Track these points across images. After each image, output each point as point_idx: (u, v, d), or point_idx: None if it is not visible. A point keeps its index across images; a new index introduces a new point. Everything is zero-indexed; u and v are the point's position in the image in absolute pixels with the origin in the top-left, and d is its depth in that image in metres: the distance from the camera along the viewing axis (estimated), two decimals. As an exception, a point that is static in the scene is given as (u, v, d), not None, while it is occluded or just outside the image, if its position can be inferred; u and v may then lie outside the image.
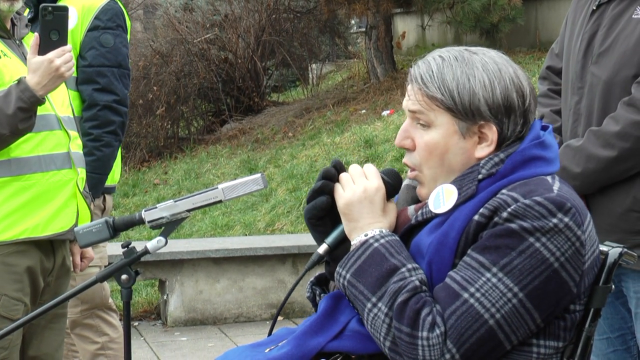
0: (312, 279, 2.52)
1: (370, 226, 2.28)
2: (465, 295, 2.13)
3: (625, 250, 2.36)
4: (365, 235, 2.27)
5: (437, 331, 2.12)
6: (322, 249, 2.34)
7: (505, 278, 2.13)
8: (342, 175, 2.33)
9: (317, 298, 2.46)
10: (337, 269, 2.27)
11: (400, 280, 2.18)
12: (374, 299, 2.19)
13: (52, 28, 3.33)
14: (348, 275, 2.24)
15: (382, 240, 2.24)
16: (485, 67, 2.25)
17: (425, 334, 2.13)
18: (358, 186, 2.30)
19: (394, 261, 2.21)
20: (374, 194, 2.29)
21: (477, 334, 2.12)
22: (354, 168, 2.34)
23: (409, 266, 2.20)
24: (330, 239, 2.34)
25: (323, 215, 2.35)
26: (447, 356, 2.12)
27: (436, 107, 2.26)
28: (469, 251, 2.18)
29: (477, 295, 2.13)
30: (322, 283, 2.51)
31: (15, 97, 3.29)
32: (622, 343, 3.27)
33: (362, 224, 2.28)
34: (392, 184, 2.35)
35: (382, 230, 2.27)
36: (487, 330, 2.13)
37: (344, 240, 2.33)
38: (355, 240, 2.28)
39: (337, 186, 2.32)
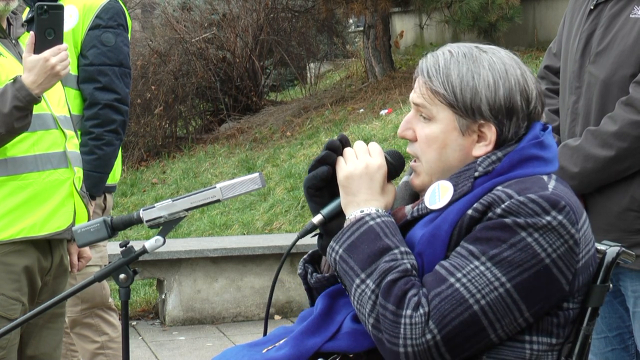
0: (305, 256, 2.53)
1: (367, 203, 2.28)
2: (452, 279, 2.14)
3: (623, 249, 2.36)
4: (362, 212, 2.27)
5: (421, 311, 2.13)
6: (317, 219, 2.35)
7: (494, 267, 2.14)
8: (346, 150, 2.34)
9: (309, 276, 2.46)
10: (331, 243, 2.27)
11: (391, 260, 2.19)
12: (362, 275, 2.20)
13: (47, 26, 3.33)
14: (340, 250, 2.25)
15: (378, 220, 2.25)
16: (492, 67, 2.26)
17: (409, 312, 2.13)
18: (360, 161, 2.30)
19: (387, 241, 2.21)
20: (375, 171, 2.30)
21: (460, 318, 2.13)
22: (359, 144, 2.35)
23: (402, 249, 2.21)
24: (326, 210, 2.35)
25: (322, 185, 2.35)
26: (429, 336, 2.12)
27: (438, 101, 2.27)
28: (461, 242, 2.19)
29: (464, 280, 2.14)
30: (314, 261, 2.51)
31: (11, 95, 3.29)
32: (620, 342, 3.27)
33: (359, 199, 2.29)
34: (395, 164, 2.36)
35: (379, 209, 2.28)
36: (470, 314, 2.13)
37: (339, 214, 2.33)
38: (351, 216, 2.28)
39: (340, 159, 2.33)
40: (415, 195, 2.44)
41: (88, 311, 4.50)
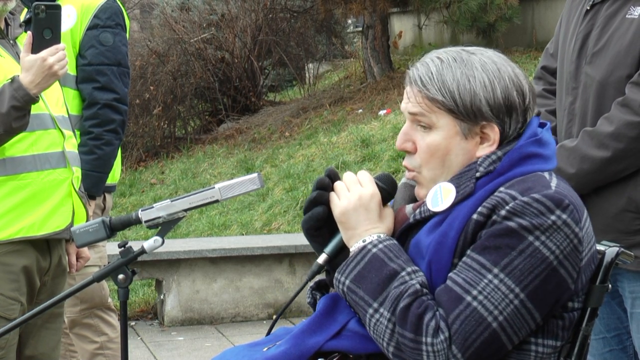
0: (312, 284, 2.52)
1: (367, 232, 2.28)
2: (468, 298, 2.13)
3: (622, 249, 2.36)
4: (364, 241, 2.27)
5: (442, 336, 2.12)
6: (322, 258, 2.35)
7: (507, 279, 2.14)
8: (337, 184, 2.33)
9: (318, 304, 2.46)
10: (336, 275, 2.27)
11: (401, 284, 2.18)
12: (375, 305, 2.19)
13: (45, 26, 3.33)
14: (347, 282, 2.24)
15: (380, 245, 2.24)
16: (485, 67, 2.25)
17: (429, 339, 2.13)
18: (353, 194, 2.29)
19: (393, 265, 2.21)
20: (369, 200, 2.29)
21: (482, 338, 2.12)
22: (348, 176, 2.33)
23: (409, 269, 2.20)
24: (329, 248, 2.34)
25: (321, 225, 2.35)
26: None
27: (437, 109, 2.26)
28: (468, 251, 2.18)
29: (480, 297, 2.13)
30: (322, 288, 2.51)
31: (8, 95, 3.29)
32: (619, 343, 3.27)
33: (359, 231, 2.28)
34: (387, 189, 2.35)
35: (380, 235, 2.27)
36: (490, 333, 2.13)
37: (343, 249, 2.33)
38: (354, 247, 2.28)
39: (333, 195, 2.33)
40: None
41: (87, 311, 4.50)
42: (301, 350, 2.28)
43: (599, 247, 2.35)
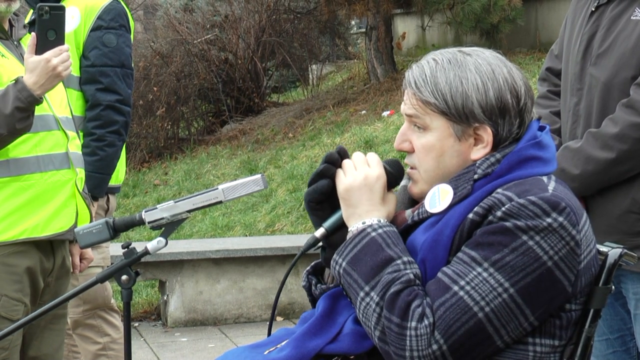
0: (308, 268, 2.53)
1: (368, 214, 2.28)
2: (455, 288, 2.14)
3: (625, 251, 2.35)
4: (363, 223, 2.27)
5: (426, 322, 2.13)
6: (319, 232, 2.35)
7: (496, 273, 2.14)
8: (345, 161, 2.35)
9: (313, 287, 2.47)
10: (334, 256, 2.28)
11: (394, 271, 2.19)
12: (366, 288, 2.20)
13: (49, 27, 3.34)
14: (344, 263, 2.25)
15: (379, 230, 2.25)
16: (479, 69, 2.26)
17: (414, 324, 2.13)
18: (359, 173, 2.31)
19: (390, 252, 2.22)
20: (374, 181, 2.30)
21: (466, 326, 2.13)
22: (357, 155, 2.35)
23: (405, 259, 2.21)
24: (328, 223, 2.35)
25: (323, 199, 2.36)
26: (435, 347, 2.12)
27: (430, 111, 2.27)
28: (462, 248, 2.19)
29: (467, 288, 2.14)
30: (318, 272, 2.51)
31: (12, 96, 3.29)
32: (622, 344, 3.27)
33: (360, 211, 2.29)
34: (394, 173, 2.36)
35: (381, 219, 2.28)
36: (475, 322, 2.13)
37: (341, 226, 2.33)
38: (353, 228, 2.29)
39: (339, 171, 2.34)
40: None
41: (90, 312, 4.51)
42: (302, 353, 2.29)
43: (602, 248, 2.34)
